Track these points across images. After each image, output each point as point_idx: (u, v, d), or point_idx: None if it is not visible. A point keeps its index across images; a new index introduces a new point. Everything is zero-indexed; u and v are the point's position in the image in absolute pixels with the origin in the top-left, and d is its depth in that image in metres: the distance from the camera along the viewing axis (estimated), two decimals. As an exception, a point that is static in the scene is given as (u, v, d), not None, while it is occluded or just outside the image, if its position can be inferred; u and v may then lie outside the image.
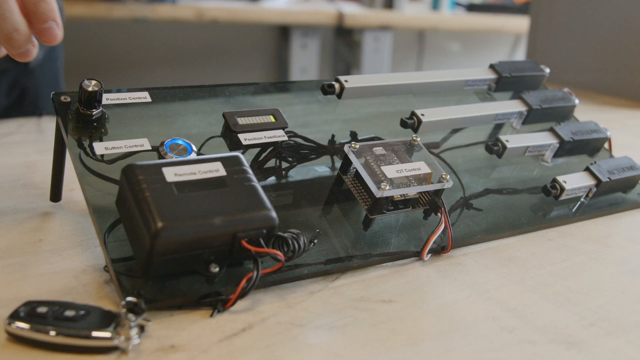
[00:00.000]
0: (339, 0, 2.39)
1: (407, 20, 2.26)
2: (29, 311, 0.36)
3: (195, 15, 2.02)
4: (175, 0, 2.03)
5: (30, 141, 0.71)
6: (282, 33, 2.40)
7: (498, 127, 0.65)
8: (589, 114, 0.97)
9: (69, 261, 0.45)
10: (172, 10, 2.00)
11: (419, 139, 0.50)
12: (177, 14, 2.01)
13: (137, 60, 2.33)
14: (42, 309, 0.36)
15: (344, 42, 2.48)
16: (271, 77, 2.56)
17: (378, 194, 0.45)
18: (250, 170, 0.43)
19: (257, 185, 0.42)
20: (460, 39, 2.78)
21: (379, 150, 0.49)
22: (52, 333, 0.35)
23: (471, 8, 2.41)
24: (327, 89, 0.55)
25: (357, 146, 0.48)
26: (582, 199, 0.58)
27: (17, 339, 0.36)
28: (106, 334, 0.35)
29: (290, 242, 0.41)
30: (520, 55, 2.74)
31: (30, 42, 0.48)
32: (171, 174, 0.40)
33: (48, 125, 0.77)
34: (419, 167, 0.48)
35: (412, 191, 0.47)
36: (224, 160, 0.42)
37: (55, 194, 0.53)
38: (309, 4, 2.33)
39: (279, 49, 2.50)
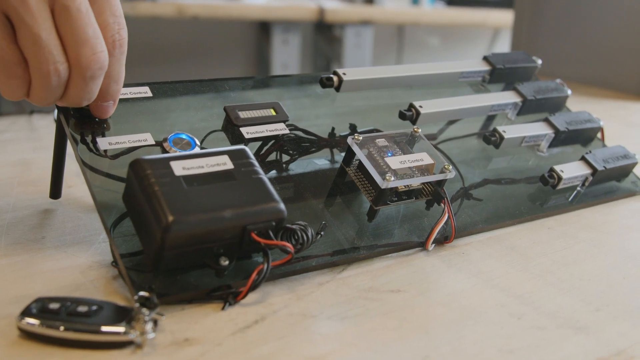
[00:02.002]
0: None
1: (387, 14, 2.26)
2: (40, 307, 0.36)
3: (176, 12, 2.01)
4: (156, -3, 2.02)
5: (23, 139, 0.71)
6: (263, 29, 2.40)
7: (491, 119, 0.66)
8: (576, 106, 0.98)
9: (74, 258, 0.45)
10: (153, 8, 1.99)
11: (420, 130, 0.51)
12: (158, 11, 2.00)
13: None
14: (54, 305, 0.36)
15: (324, 38, 2.48)
16: (252, 73, 2.55)
17: (383, 185, 0.46)
18: (256, 163, 0.43)
19: (265, 177, 0.42)
20: (439, 34, 2.79)
21: (381, 141, 0.49)
22: (63, 328, 0.35)
23: (451, 2, 2.42)
24: (325, 82, 0.55)
25: (360, 138, 0.48)
26: (578, 188, 0.59)
27: (30, 335, 0.36)
28: (120, 328, 0.35)
29: (299, 233, 0.42)
30: (500, 48, 2.76)
31: None
32: (179, 168, 0.40)
33: (39, 122, 0.77)
34: (422, 158, 0.48)
35: (416, 182, 0.47)
36: (231, 154, 0.42)
37: (55, 191, 0.52)
38: (289, 0, 2.32)
39: (260, 45, 2.49)
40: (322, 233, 0.45)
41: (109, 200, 0.44)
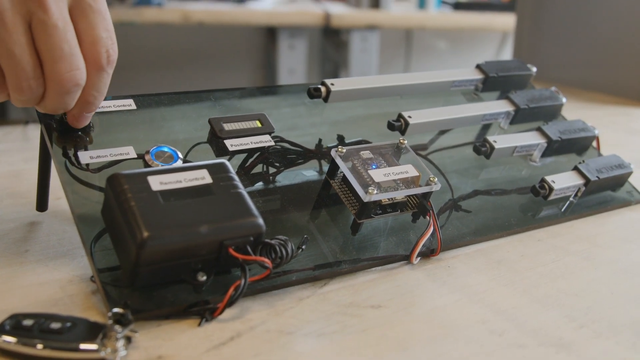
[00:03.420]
0: (325, 0, 2.39)
1: (393, 19, 2.26)
2: (14, 324, 0.36)
3: (182, 18, 2.01)
4: (162, 4, 2.03)
5: (16, 149, 0.71)
6: (269, 34, 2.40)
7: (486, 128, 0.65)
8: (577, 112, 0.97)
9: (55, 272, 0.44)
10: (158, 14, 1.99)
11: (406, 141, 0.50)
12: (163, 17, 2.00)
13: (124, 64, 2.31)
14: (27, 322, 0.36)
15: (331, 43, 2.47)
16: (259, 78, 2.55)
17: (365, 198, 0.45)
18: (236, 177, 0.42)
19: (244, 192, 0.41)
20: (447, 38, 2.78)
21: (366, 154, 0.48)
22: (40, 346, 0.35)
23: (457, 6, 2.41)
24: (313, 93, 0.54)
25: (344, 150, 0.48)
26: (571, 199, 0.58)
27: (4, 352, 0.35)
28: (93, 346, 0.35)
29: (277, 249, 0.41)
30: (508, 52, 2.75)
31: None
32: (157, 183, 0.40)
33: (34, 133, 0.77)
34: (407, 170, 0.48)
35: (399, 195, 0.47)
36: (210, 168, 0.42)
37: (42, 204, 0.52)
38: (295, 5, 2.32)
39: (267, 51, 2.49)
40: (303, 247, 0.44)
41: (93, 212, 0.44)
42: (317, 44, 2.54)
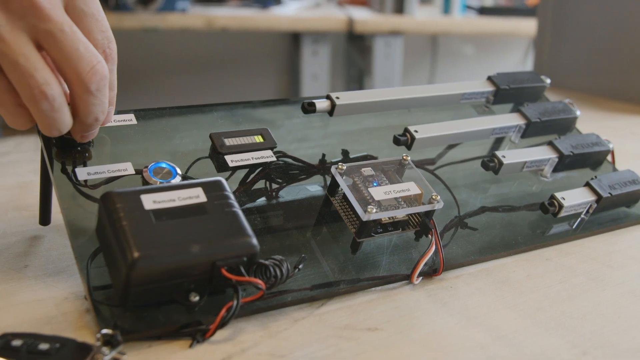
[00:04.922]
0: (349, 5, 2.38)
1: (418, 24, 2.24)
2: (4, 344, 0.36)
3: (205, 24, 2.01)
4: (185, 10, 2.03)
5: (26, 160, 0.71)
6: (293, 40, 2.40)
7: (498, 141, 0.64)
8: (597, 122, 0.96)
9: (52, 288, 0.44)
10: (182, 20, 2.00)
11: (409, 158, 0.49)
12: (187, 23, 2.01)
13: (148, 70, 2.34)
14: (16, 342, 0.36)
15: (355, 48, 2.46)
16: (283, 84, 2.55)
17: (364, 217, 0.44)
18: (232, 196, 0.42)
19: (239, 211, 0.41)
20: (473, 43, 2.75)
21: (367, 170, 0.47)
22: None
23: (482, 11, 2.38)
24: (307, 108, 0.53)
25: (344, 167, 0.47)
26: (582, 216, 0.56)
27: (-8, 373, 0.35)
28: (79, 368, 0.35)
29: (272, 269, 0.40)
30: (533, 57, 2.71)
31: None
32: (149, 202, 0.39)
33: (45, 143, 0.77)
34: (409, 187, 0.47)
35: (400, 213, 0.46)
36: (205, 186, 0.42)
37: (44, 218, 0.52)
38: (319, 10, 2.32)
39: (290, 56, 2.49)
40: (300, 267, 0.43)
41: (92, 229, 0.43)
42: (341, 50, 2.54)
